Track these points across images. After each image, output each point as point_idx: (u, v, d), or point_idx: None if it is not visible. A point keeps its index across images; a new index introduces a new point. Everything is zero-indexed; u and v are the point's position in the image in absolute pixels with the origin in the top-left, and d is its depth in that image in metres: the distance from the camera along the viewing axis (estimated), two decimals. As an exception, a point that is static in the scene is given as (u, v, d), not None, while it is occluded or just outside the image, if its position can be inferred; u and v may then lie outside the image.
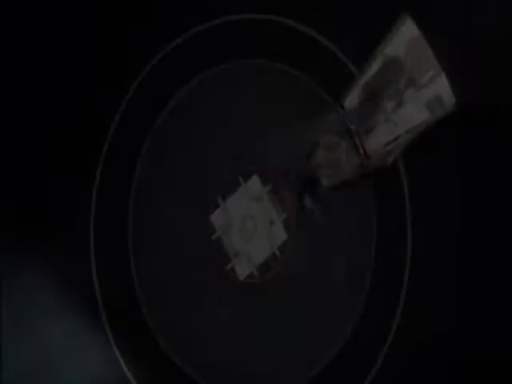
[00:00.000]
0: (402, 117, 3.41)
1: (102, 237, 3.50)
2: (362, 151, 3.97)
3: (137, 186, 4.41)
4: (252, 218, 3.42)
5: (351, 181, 3.33)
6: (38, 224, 2.91)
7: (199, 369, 4.15)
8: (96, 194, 3.50)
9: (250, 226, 3.41)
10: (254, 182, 3.48)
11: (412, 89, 2.91)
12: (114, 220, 4.14)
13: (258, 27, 3.69)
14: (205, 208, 4.21)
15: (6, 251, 2.48)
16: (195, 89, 4.31)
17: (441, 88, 3.12)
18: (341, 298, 3.99)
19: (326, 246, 4.06)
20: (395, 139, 3.06)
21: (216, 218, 3.58)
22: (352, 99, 3.25)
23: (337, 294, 4.01)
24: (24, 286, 2.63)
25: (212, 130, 4.34)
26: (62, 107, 3.05)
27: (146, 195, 4.36)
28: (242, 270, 3.42)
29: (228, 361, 4.08)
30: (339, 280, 3.99)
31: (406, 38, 2.94)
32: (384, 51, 2.99)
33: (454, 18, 1.95)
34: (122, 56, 3.43)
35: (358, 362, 3.29)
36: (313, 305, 3.95)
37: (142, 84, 3.73)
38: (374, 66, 3.13)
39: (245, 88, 3.13)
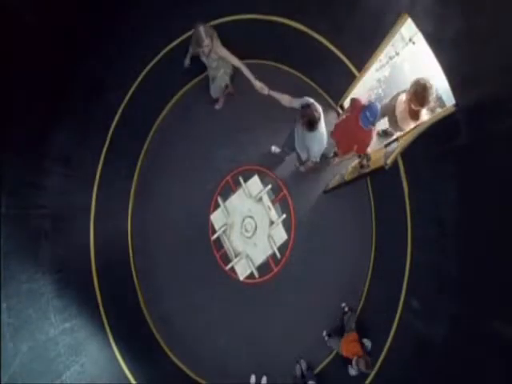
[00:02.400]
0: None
1: (102, 237, 3.50)
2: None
3: (137, 186, 4.42)
4: (252, 218, 3.42)
5: (351, 181, 3.34)
6: (37, 224, 2.91)
7: (199, 368, 4.16)
8: (96, 194, 3.49)
9: (250, 226, 3.41)
10: (254, 182, 3.48)
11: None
12: (114, 220, 4.16)
13: (258, 28, 3.69)
14: (205, 208, 4.22)
15: (7, 252, 2.48)
16: (195, 88, 4.32)
17: (441, 88, 3.13)
18: (340, 298, 4.01)
19: (326, 247, 4.07)
20: (395, 139, 3.06)
21: (216, 217, 3.59)
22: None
23: (336, 294, 4.02)
24: (24, 286, 2.63)
25: (213, 130, 4.36)
26: (68, 105, 3.06)
27: (146, 195, 4.37)
28: (242, 269, 3.42)
29: (227, 360, 4.09)
30: (339, 281, 4.01)
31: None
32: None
33: (454, 19, 1.96)
34: (125, 56, 3.43)
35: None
36: (312, 305, 3.96)
37: (143, 84, 3.73)
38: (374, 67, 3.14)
39: (245, 87, 3.14)
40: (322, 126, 2.78)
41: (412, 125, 3.05)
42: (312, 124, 2.62)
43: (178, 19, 3.40)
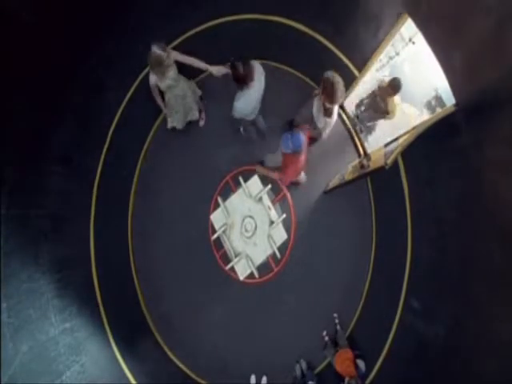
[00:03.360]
0: (402, 117, 3.40)
1: (102, 237, 3.50)
2: (362, 152, 3.97)
3: (137, 186, 4.42)
4: (252, 217, 3.41)
5: (351, 181, 3.34)
6: (37, 224, 2.91)
7: (199, 368, 4.16)
8: (96, 194, 3.49)
9: (250, 225, 3.40)
10: (254, 182, 3.47)
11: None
12: (114, 220, 4.15)
13: (257, 28, 3.69)
14: (205, 208, 4.22)
15: (7, 252, 2.48)
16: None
17: (440, 88, 3.12)
18: (340, 298, 4.01)
19: (326, 246, 4.07)
20: (395, 139, 3.06)
21: (216, 217, 3.58)
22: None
23: (336, 294, 4.02)
24: (24, 286, 2.63)
25: (212, 130, 4.35)
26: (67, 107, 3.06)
27: (147, 196, 4.36)
28: (242, 269, 3.41)
29: (227, 360, 4.09)
30: (339, 281, 4.01)
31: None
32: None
33: (454, 19, 1.96)
34: (125, 56, 3.43)
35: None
36: (313, 305, 3.96)
37: (143, 84, 3.73)
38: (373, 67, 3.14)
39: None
40: (252, 92, 2.86)
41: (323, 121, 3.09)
42: (235, 80, 2.74)
43: (178, 19, 3.40)
